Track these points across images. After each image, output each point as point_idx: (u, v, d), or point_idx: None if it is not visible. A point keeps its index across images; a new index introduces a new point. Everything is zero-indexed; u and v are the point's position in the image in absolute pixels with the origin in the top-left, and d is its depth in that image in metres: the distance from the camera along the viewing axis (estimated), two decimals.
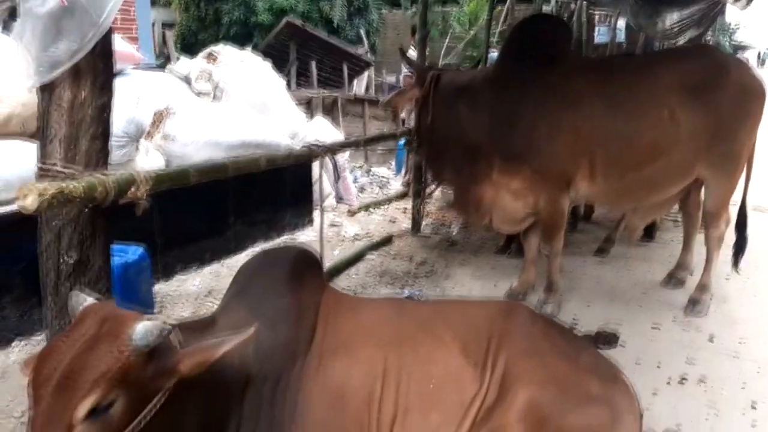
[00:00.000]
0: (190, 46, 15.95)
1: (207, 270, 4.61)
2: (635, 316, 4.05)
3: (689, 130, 3.68)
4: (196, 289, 4.25)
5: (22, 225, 3.34)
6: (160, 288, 4.11)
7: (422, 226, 5.99)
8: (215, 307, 3.95)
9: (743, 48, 45.43)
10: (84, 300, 1.79)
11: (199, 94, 5.32)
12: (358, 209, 6.49)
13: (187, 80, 5.40)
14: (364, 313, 2.41)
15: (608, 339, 3.63)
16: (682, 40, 16.24)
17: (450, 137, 3.88)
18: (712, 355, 3.53)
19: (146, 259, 3.54)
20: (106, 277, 2.14)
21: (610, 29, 19.00)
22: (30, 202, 1.72)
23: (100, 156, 2.06)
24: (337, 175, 4.23)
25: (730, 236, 4.26)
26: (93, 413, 1.56)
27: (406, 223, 6.14)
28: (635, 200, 4.01)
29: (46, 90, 1.96)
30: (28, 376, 1.98)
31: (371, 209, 6.65)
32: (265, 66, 6.08)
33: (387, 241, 5.54)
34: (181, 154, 4.54)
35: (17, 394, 2.93)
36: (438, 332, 2.35)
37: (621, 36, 19.53)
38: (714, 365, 3.40)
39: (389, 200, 7.07)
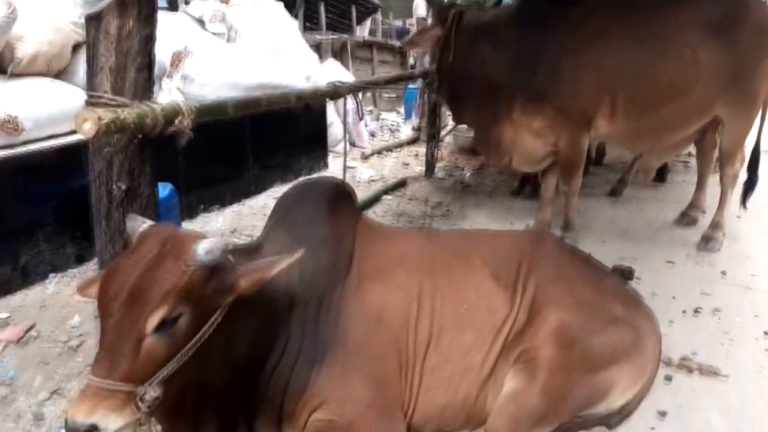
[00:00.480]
0: None
1: (229, 210, 4.71)
2: (649, 253, 4.15)
3: (709, 69, 3.70)
4: (220, 227, 4.35)
5: (53, 163, 3.46)
6: (186, 226, 4.20)
7: (436, 170, 6.05)
8: (241, 242, 4.10)
9: None
10: (142, 222, 1.88)
11: (213, 35, 5.31)
12: (371, 153, 6.55)
13: (200, 22, 5.38)
14: (399, 242, 2.51)
15: (624, 273, 3.73)
16: None
17: (471, 76, 3.90)
18: (725, 287, 3.65)
19: (174, 197, 3.63)
20: (154, 205, 2.22)
21: None
22: (88, 128, 1.78)
23: (146, 87, 2.11)
24: (361, 114, 4.25)
25: (742, 177, 4.34)
26: (161, 326, 1.66)
27: (419, 167, 6.21)
28: (654, 139, 4.05)
29: (93, 21, 1.99)
30: (83, 297, 2.10)
31: (384, 153, 6.71)
32: (278, 7, 6.04)
33: (402, 184, 5.61)
34: (199, 94, 4.55)
35: (59, 323, 3.06)
36: (470, 258, 2.46)
37: None
38: (727, 297, 3.52)
39: (401, 145, 7.12)
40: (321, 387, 2.08)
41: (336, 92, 3.54)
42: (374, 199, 5.12)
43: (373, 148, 6.73)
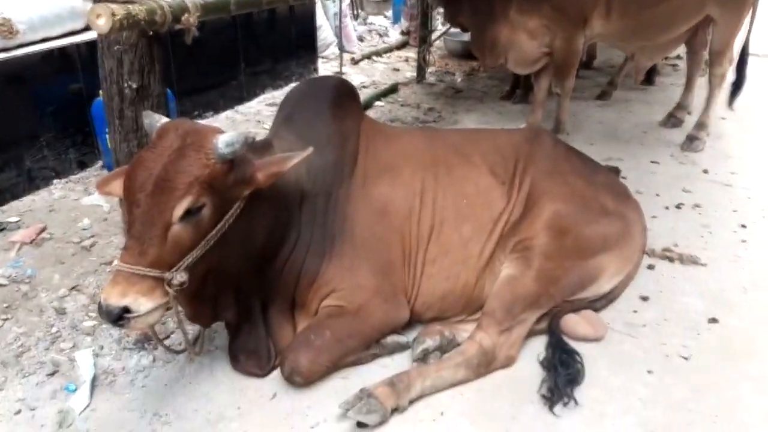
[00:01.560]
0: None
1: (222, 116, 4.73)
2: (636, 153, 4.29)
3: None
4: None
5: (50, 67, 3.44)
6: None
7: (427, 75, 6.04)
8: None
9: None
10: (159, 118, 1.94)
11: None
12: (361, 58, 6.48)
13: None
14: (401, 140, 2.60)
15: (611, 172, 3.87)
16: None
17: None
18: (706, 185, 3.82)
19: (173, 100, 3.64)
20: (165, 104, 2.27)
21: None
22: (103, 23, 1.80)
23: None
24: (357, 14, 4.21)
25: (729, 78, 4.41)
26: (187, 215, 1.77)
27: (409, 72, 6.19)
28: (648, 38, 4.09)
29: None
30: (104, 194, 2.19)
31: (373, 58, 6.65)
32: None
33: (393, 89, 5.62)
34: None
35: (69, 225, 3.16)
36: (469, 155, 2.57)
37: None
38: (708, 193, 3.69)
39: (390, 50, 7.04)
40: (330, 276, 2.23)
41: None
42: (366, 105, 5.13)
43: (363, 53, 6.66)
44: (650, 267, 2.90)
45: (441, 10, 4.29)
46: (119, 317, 1.71)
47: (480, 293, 2.42)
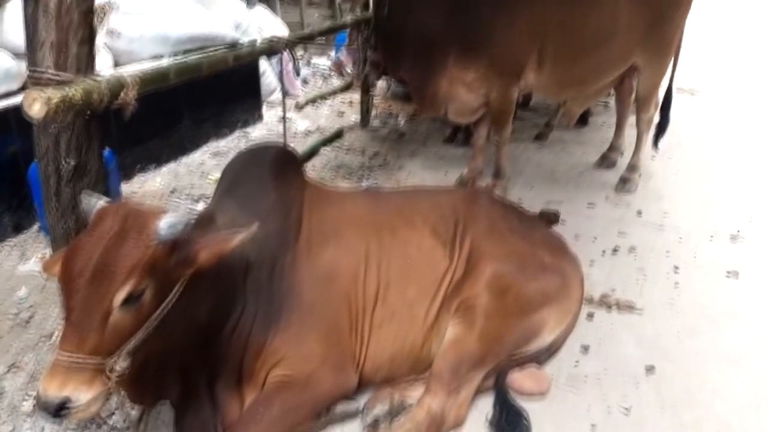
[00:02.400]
0: None
1: (165, 169, 4.66)
2: (573, 196, 4.45)
3: (629, 19, 3.92)
4: (158, 188, 4.33)
5: None
6: (124, 188, 4.16)
7: (371, 119, 6.13)
8: (182, 204, 4.11)
9: None
10: (97, 200, 1.92)
11: None
12: (306, 103, 6.53)
13: None
14: (345, 204, 2.64)
15: (551, 218, 4.01)
16: None
17: (407, 31, 3.96)
18: (640, 227, 3.99)
19: (113, 161, 3.59)
20: (103, 180, 2.25)
21: None
22: (37, 111, 1.79)
23: (88, 60, 2.10)
24: (298, 70, 4.26)
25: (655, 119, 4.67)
26: (127, 301, 1.75)
27: (354, 116, 6.26)
28: (578, 88, 4.28)
29: None
30: (48, 275, 2.14)
31: (318, 102, 6.70)
32: None
33: (338, 135, 5.67)
34: (128, 50, 4.44)
35: (6, 296, 3.05)
36: (411, 218, 2.63)
37: None
38: (642, 236, 3.85)
39: (334, 92, 7.11)
40: (278, 346, 2.23)
41: (272, 48, 3.55)
42: (312, 153, 5.17)
43: (307, 97, 6.70)
44: (589, 316, 3.00)
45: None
46: (59, 409, 1.67)
47: (427, 353, 2.46)
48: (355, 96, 6.70)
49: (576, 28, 3.85)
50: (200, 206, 4.06)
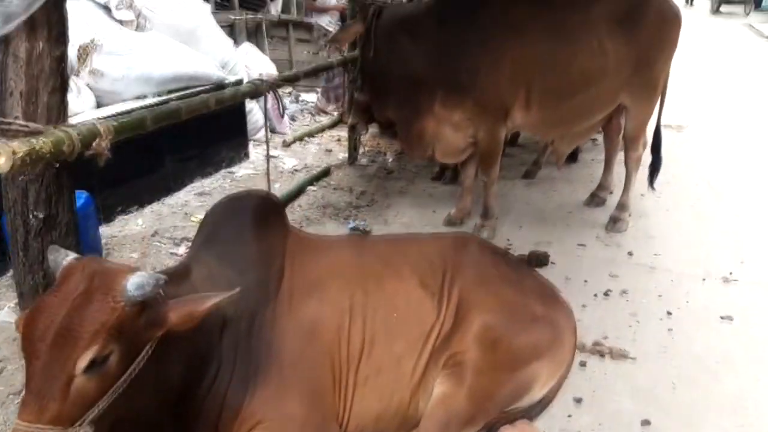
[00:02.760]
0: None
1: (148, 210, 4.56)
2: (563, 236, 4.39)
3: (616, 60, 3.91)
4: (140, 230, 4.22)
5: None
6: (104, 231, 4.06)
7: (359, 156, 6.08)
8: (163, 248, 4.02)
9: None
10: (65, 256, 1.82)
11: (121, 23, 5.07)
12: (293, 140, 6.48)
13: (106, 8, 5.12)
14: (329, 253, 2.54)
15: (540, 260, 3.93)
16: None
17: (393, 72, 3.94)
18: (632, 268, 3.92)
19: (91, 204, 3.50)
20: (74, 231, 2.16)
21: None
22: (2, 164, 1.71)
23: (60, 110, 2.03)
24: (282, 111, 4.22)
25: (646, 156, 4.63)
26: (91, 366, 1.64)
27: (342, 154, 6.21)
28: (565, 127, 4.25)
29: (1, 44, 1.89)
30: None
31: (306, 140, 6.66)
32: None
33: (326, 173, 5.61)
34: (111, 90, 4.38)
35: None
36: (398, 268, 2.53)
37: None
38: (633, 278, 3.79)
39: (322, 129, 7.07)
40: (256, 407, 2.11)
41: (256, 90, 3.49)
42: (299, 191, 5.10)
43: (295, 135, 6.64)
44: (582, 364, 2.91)
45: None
46: None
47: (415, 411, 2.35)
48: (343, 133, 6.66)
49: (562, 69, 3.84)
50: (182, 250, 3.96)
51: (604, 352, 3.01)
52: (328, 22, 7.51)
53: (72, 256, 1.85)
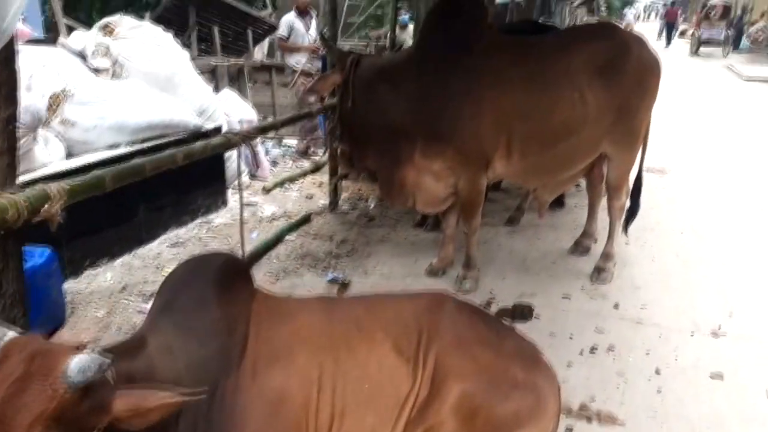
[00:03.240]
0: (74, 4, 14.80)
1: (118, 263, 4.40)
2: (547, 287, 4.28)
3: (597, 109, 3.86)
4: (108, 285, 4.06)
5: None
6: (69, 286, 3.89)
7: (340, 202, 5.98)
8: (131, 304, 3.86)
9: (630, 2, 47.74)
10: (3, 335, 1.68)
11: (96, 70, 4.99)
12: (273, 186, 6.37)
13: (82, 56, 5.05)
14: (298, 317, 2.40)
15: (524, 313, 3.82)
16: (578, 1, 16.83)
17: (372, 121, 3.88)
18: (618, 322, 3.80)
19: (55, 261, 3.34)
20: (21, 302, 2.01)
21: None
22: None
23: (8, 173, 1.90)
24: (257, 165, 4.12)
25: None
26: None
27: (322, 200, 6.11)
28: (547, 176, 4.18)
29: None
30: None
31: (286, 185, 6.55)
32: (167, 37, 5.75)
33: (305, 220, 5.50)
34: (83, 140, 4.27)
35: None
36: (370, 332, 2.39)
37: None
38: (620, 333, 3.66)
39: (304, 174, 6.99)
40: None
41: (229, 143, 3.40)
42: (277, 240, 4.97)
43: (275, 180, 6.55)
44: (569, 429, 2.77)
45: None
46: None
47: None
48: (325, 178, 6.57)
49: (544, 118, 3.79)
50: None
51: (592, 417, 2.86)
52: (296, 62, 7.49)
53: (11, 334, 1.69)
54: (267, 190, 6.25)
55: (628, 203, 4.52)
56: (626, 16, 42.93)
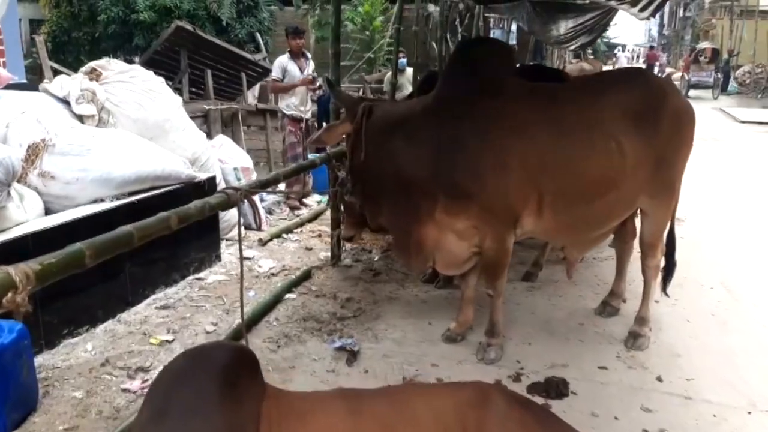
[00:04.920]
0: (62, 46, 14.55)
1: (100, 330, 3.92)
2: (579, 355, 3.86)
3: (634, 160, 3.53)
4: (89, 358, 3.57)
5: None
6: (45, 360, 3.43)
7: (342, 254, 5.57)
8: (114, 381, 3.39)
9: (615, 46, 48.62)
10: None
11: (81, 117, 4.60)
12: (270, 237, 5.96)
13: (65, 102, 4.67)
14: (316, 419, 1.97)
15: (560, 389, 3.40)
16: (573, 45, 16.91)
17: (386, 174, 3.51)
18: (665, 399, 3.37)
19: (26, 337, 2.89)
20: None
21: (504, 32, 19.56)
22: None
23: None
24: (258, 223, 3.72)
25: None
26: None
27: (323, 252, 5.70)
28: (580, 233, 3.82)
29: None
30: None
31: (284, 236, 6.14)
32: (157, 82, 5.40)
33: (306, 276, 5.08)
34: (63, 194, 3.86)
35: None
36: None
37: (513, 38, 20.19)
38: (670, 413, 3.23)
39: (302, 223, 6.60)
40: None
41: (229, 201, 3.00)
42: (276, 300, 4.54)
43: (272, 231, 6.13)
44: None
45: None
46: None
47: None
48: (325, 227, 6.19)
49: (578, 171, 3.45)
50: (136, 384, 3.33)
51: None
52: (286, 106, 7.17)
53: None
54: (263, 242, 5.84)
55: (662, 261, 4.17)
56: (620, 60, 43.59)
